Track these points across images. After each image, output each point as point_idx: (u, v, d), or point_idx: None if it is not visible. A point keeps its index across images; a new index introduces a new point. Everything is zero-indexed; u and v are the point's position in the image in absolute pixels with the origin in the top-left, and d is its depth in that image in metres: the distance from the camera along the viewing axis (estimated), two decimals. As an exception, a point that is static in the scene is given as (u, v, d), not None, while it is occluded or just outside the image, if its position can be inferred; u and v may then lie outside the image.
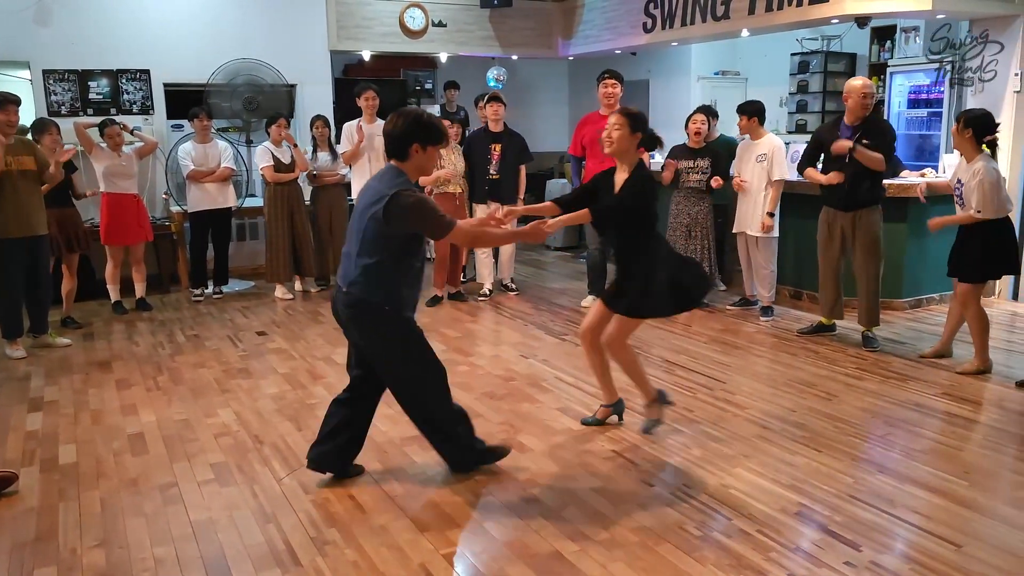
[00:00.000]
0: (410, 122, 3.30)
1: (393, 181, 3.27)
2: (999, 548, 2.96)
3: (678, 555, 2.94)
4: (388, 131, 3.34)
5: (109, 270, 6.84)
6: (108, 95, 7.80)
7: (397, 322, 3.35)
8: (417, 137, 3.29)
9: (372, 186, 3.36)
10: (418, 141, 3.29)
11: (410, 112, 3.38)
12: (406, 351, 3.41)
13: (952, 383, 4.79)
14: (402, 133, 3.29)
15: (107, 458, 3.91)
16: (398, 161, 3.34)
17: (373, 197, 3.27)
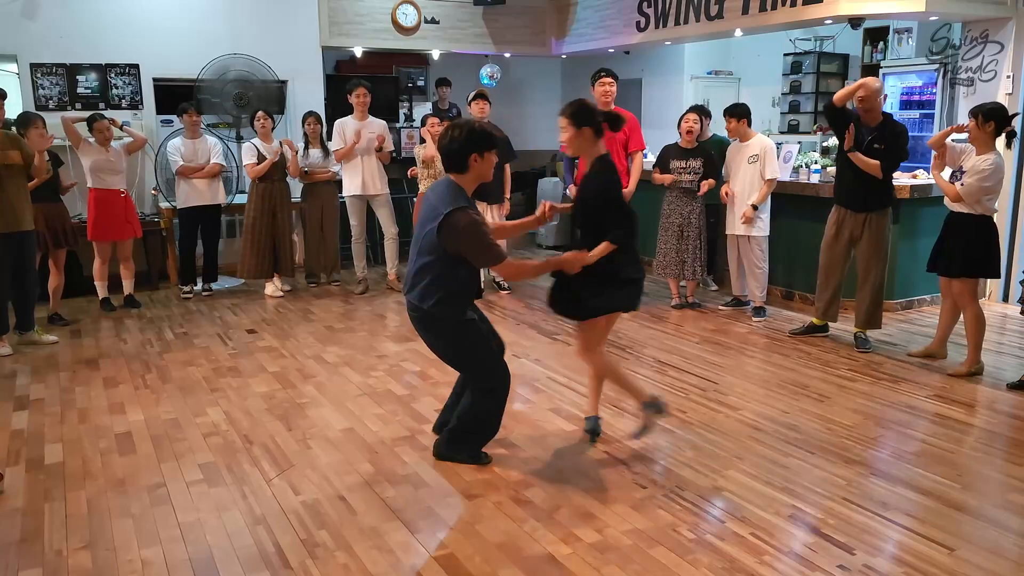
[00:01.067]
0: (466, 134, 3.42)
1: (450, 197, 3.40)
2: (991, 551, 2.95)
3: (671, 557, 2.92)
4: (445, 145, 3.45)
5: (96, 266, 6.77)
6: (97, 90, 7.72)
7: (452, 325, 3.57)
8: (475, 147, 3.42)
9: (430, 199, 3.51)
10: (476, 151, 3.43)
11: (463, 124, 3.49)
12: (464, 349, 3.66)
13: (944, 385, 4.79)
14: (460, 146, 3.42)
15: (94, 458, 3.86)
16: (457, 174, 3.48)
17: (430, 212, 3.45)
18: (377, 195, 7.29)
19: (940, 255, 4.99)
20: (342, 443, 4.00)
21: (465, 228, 3.35)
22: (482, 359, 3.67)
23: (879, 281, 5.38)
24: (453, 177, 3.49)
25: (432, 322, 3.56)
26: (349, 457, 3.83)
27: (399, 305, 7.01)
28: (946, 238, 4.93)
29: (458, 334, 3.60)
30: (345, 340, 5.89)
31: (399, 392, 4.75)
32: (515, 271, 3.84)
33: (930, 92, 7.65)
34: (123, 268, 6.90)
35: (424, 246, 3.47)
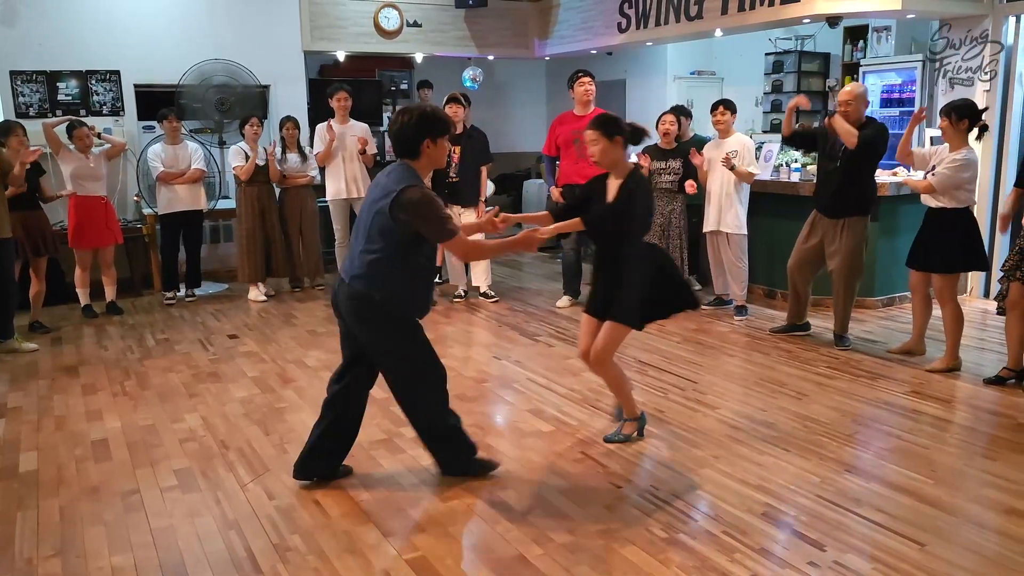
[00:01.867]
0: (417, 118, 3.26)
1: (403, 177, 3.24)
2: (962, 546, 2.97)
3: (642, 557, 2.92)
4: (396, 131, 3.29)
5: (78, 274, 6.75)
6: (77, 96, 7.70)
7: (399, 321, 3.33)
8: (427, 132, 3.26)
9: (381, 182, 3.32)
10: (429, 136, 3.27)
11: (414, 108, 3.32)
12: (406, 350, 3.39)
13: (922, 381, 4.81)
14: (412, 131, 3.25)
15: (69, 465, 3.85)
16: (410, 159, 3.31)
17: (381, 192, 3.24)
18: (360, 198, 7.28)
19: (920, 250, 5.00)
20: (319, 447, 3.99)
21: (419, 201, 3.16)
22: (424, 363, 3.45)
23: (851, 288, 5.40)
24: (407, 161, 3.31)
25: (375, 313, 3.28)
26: (328, 460, 3.82)
27: (382, 308, 6.99)
28: (926, 234, 4.94)
29: (406, 332, 3.38)
30: (327, 344, 5.88)
31: (377, 395, 4.68)
32: (467, 251, 3.47)
33: (910, 90, 7.69)
34: (105, 275, 6.88)
35: (374, 230, 3.23)
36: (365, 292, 3.26)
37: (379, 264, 3.24)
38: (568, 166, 6.64)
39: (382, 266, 3.24)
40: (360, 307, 3.29)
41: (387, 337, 3.35)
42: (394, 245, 3.23)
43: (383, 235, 3.22)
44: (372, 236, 3.25)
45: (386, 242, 3.23)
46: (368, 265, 3.25)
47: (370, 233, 3.26)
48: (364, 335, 3.37)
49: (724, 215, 6.17)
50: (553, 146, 6.73)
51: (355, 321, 3.35)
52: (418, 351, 3.43)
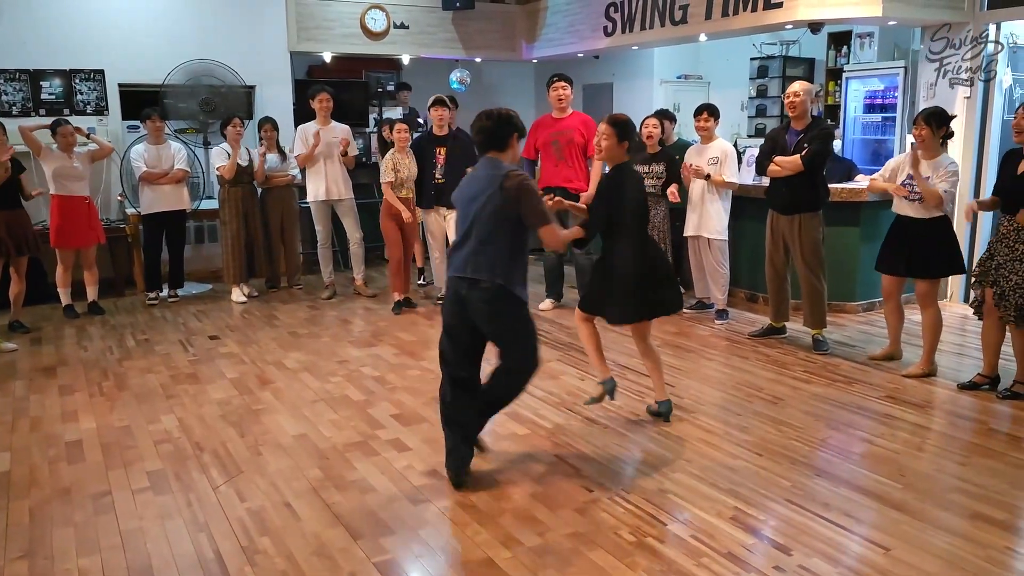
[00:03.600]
0: (506, 116, 3.55)
1: (497, 164, 3.49)
2: (926, 551, 2.99)
3: (609, 560, 2.94)
4: (485, 126, 3.52)
5: (59, 273, 6.73)
6: (61, 95, 7.68)
7: (518, 302, 3.51)
8: (515, 128, 3.55)
9: (478, 176, 3.53)
10: (516, 132, 3.56)
11: (500, 110, 3.59)
12: (526, 326, 3.57)
13: (897, 386, 4.84)
14: (503, 126, 3.52)
15: (41, 466, 3.84)
16: (497, 152, 3.53)
17: (484, 184, 3.44)
18: (341, 200, 7.29)
19: (898, 257, 4.99)
20: (293, 449, 4.00)
21: (524, 185, 3.42)
22: (533, 336, 3.60)
23: (816, 282, 5.45)
24: (493, 155, 3.54)
25: (503, 300, 3.43)
26: (299, 463, 3.83)
27: (365, 310, 7.01)
28: (904, 240, 4.94)
29: (523, 311, 3.54)
30: (307, 345, 5.88)
31: (356, 397, 4.75)
32: (556, 238, 3.67)
33: (892, 96, 7.74)
34: (87, 275, 6.87)
35: (486, 221, 3.39)
36: (501, 285, 3.41)
37: (502, 255, 3.42)
38: (548, 168, 6.66)
39: (505, 256, 3.43)
40: (497, 302, 3.43)
41: (517, 319, 3.53)
42: (509, 233, 3.43)
43: (498, 222, 3.41)
44: (486, 227, 3.41)
45: (503, 231, 3.42)
46: (494, 260, 3.41)
47: (482, 226, 3.41)
48: (496, 327, 3.50)
49: (705, 220, 6.20)
50: (532, 149, 6.75)
51: (490, 317, 3.46)
52: (531, 324, 3.61)
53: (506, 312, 3.47)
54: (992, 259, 4.46)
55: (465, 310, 3.47)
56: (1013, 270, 4.32)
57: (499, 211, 3.40)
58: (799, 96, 5.22)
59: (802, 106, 5.23)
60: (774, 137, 5.51)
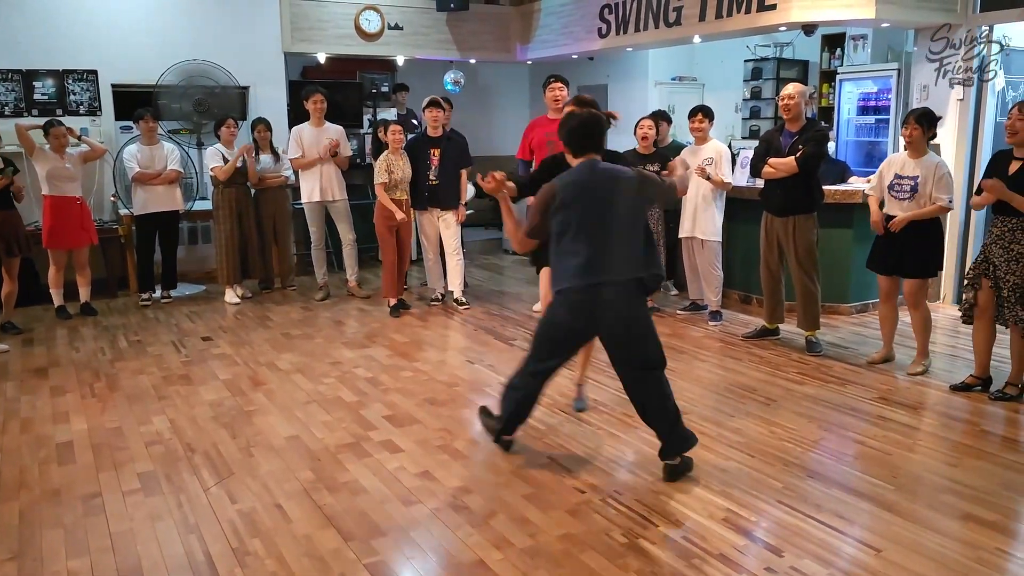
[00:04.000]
0: (597, 116, 3.60)
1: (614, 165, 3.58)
2: (916, 552, 2.99)
3: (601, 562, 2.93)
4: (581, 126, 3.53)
5: (52, 274, 6.71)
6: (54, 96, 7.65)
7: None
8: (607, 125, 3.64)
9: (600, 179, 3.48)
10: (606, 128, 3.62)
11: (587, 111, 3.62)
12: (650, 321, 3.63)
13: (890, 388, 4.85)
14: (598, 124, 3.56)
15: (31, 468, 3.82)
16: (595, 153, 3.56)
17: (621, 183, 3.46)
18: (335, 201, 7.27)
19: (891, 257, 5.00)
20: (285, 451, 3.99)
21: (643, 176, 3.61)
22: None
23: (809, 283, 5.46)
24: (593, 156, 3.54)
25: (643, 296, 3.53)
26: (291, 465, 3.82)
27: (359, 311, 7.00)
28: (897, 240, 4.94)
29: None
30: (301, 347, 5.87)
31: (348, 399, 4.74)
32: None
33: (885, 98, 7.75)
34: (79, 276, 6.85)
35: (635, 224, 3.48)
36: (644, 279, 3.48)
37: (649, 247, 3.54)
38: (544, 169, 6.64)
39: (651, 247, 3.56)
40: (641, 293, 3.50)
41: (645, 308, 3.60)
42: (646, 225, 3.58)
43: (640, 221, 3.53)
44: (634, 228, 3.48)
45: (643, 226, 3.54)
46: (646, 257, 3.49)
47: (635, 222, 3.49)
48: (636, 321, 3.50)
49: (699, 221, 6.20)
50: (527, 150, 6.74)
51: (631, 311, 3.48)
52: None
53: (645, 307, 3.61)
54: (987, 261, 4.47)
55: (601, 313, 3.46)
56: (1010, 270, 4.33)
57: (642, 214, 3.57)
58: (793, 98, 5.23)
59: (796, 108, 5.24)
60: (768, 139, 5.52)
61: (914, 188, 4.82)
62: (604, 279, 3.41)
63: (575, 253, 3.44)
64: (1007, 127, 4.35)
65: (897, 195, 4.91)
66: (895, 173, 4.93)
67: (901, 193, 4.88)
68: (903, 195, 4.87)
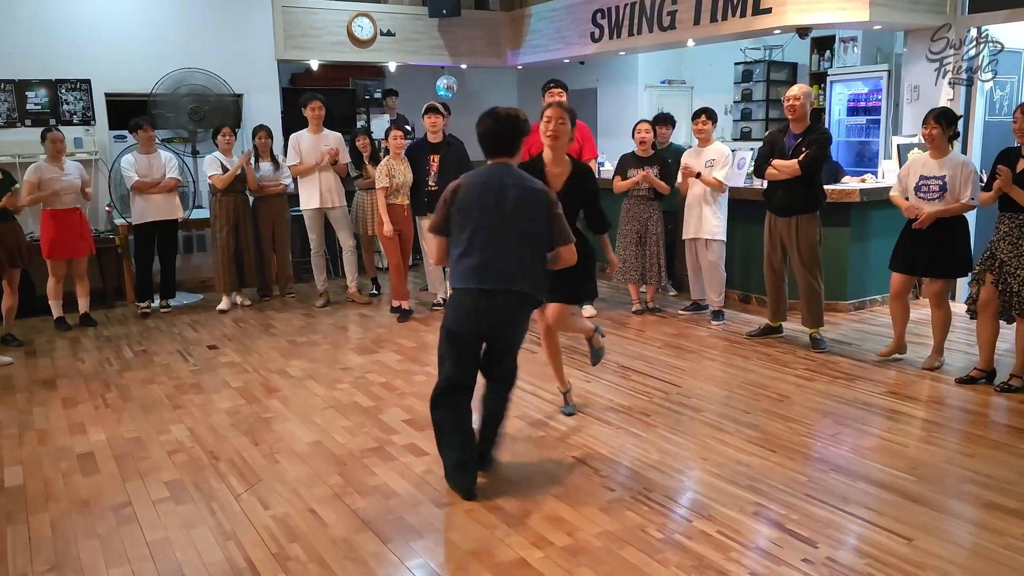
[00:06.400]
0: (512, 119, 3.50)
1: (526, 176, 3.51)
2: (947, 540, 3.06)
3: (641, 557, 2.98)
4: (491, 131, 3.48)
5: (51, 285, 6.64)
6: (47, 105, 7.59)
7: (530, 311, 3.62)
8: (524, 131, 3.54)
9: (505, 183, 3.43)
10: (524, 135, 3.54)
11: (507, 110, 3.54)
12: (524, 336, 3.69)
13: (897, 382, 4.94)
14: (511, 130, 3.49)
15: (56, 479, 3.80)
16: (507, 157, 3.52)
17: (519, 194, 3.41)
18: (334, 208, 7.27)
19: (920, 256, 4.98)
20: (310, 456, 3.99)
21: (555, 201, 3.51)
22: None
23: (813, 283, 5.55)
24: (506, 160, 3.52)
25: (528, 309, 3.54)
26: (318, 470, 3.83)
27: (361, 317, 7.00)
28: (920, 240, 4.95)
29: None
30: (308, 353, 5.87)
31: (365, 404, 4.75)
32: (571, 256, 3.65)
33: (875, 99, 7.90)
34: (78, 286, 6.79)
35: (526, 234, 3.43)
36: (530, 293, 3.48)
37: (537, 264, 3.49)
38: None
39: (539, 265, 3.51)
40: (524, 309, 3.52)
41: (525, 329, 3.63)
42: (543, 244, 3.51)
43: (538, 235, 3.47)
44: (527, 239, 3.43)
45: (540, 242, 3.49)
46: (531, 269, 3.47)
47: (524, 235, 3.42)
48: (513, 332, 3.57)
49: (704, 222, 6.28)
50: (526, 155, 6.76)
51: (513, 322, 3.52)
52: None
53: (525, 321, 3.59)
54: (994, 258, 4.57)
55: (489, 318, 3.44)
56: (1020, 266, 4.43)
57: (545, 226, 3.47)
58: (799, 100, 5.32)
59: (801, 109, 5.32)
60: (773, 140, 5.60)
61: (943, 187, 4.83)
62: (495, 286, 3.38)
63: (470, 254, 3.41)
64: (1015, 130, 4.45)
65: (925, 196, 4.90)
66: (920, 175, 4.94)
67: (930, 194, 4.88)
68: (932, 195, 4.87)
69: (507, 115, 3.50)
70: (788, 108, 5.37)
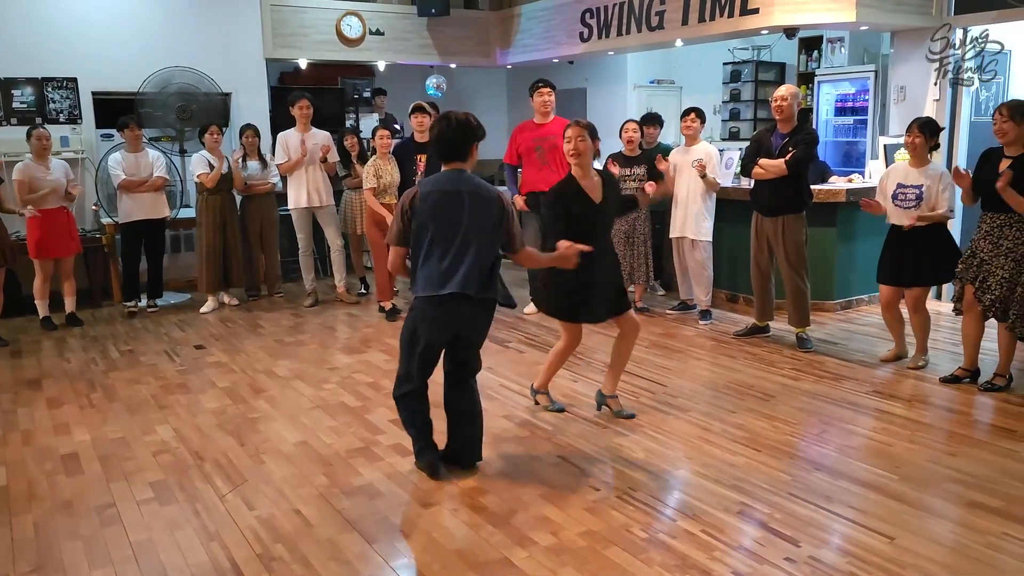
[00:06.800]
0: (464, 123, 3.49)
1: (482, 183, 3.54)
2: (929, 539, 3.09)
3: (625, 557, 2.98)
4: (444, 136, 3.48)
5: (37, 285, 6.61)
6: (33, 104, 7.55)
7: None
8: (476, 136, 3.52)
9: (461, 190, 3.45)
10: (476, 139, 3.53)
11: (459, 115, 3.53)
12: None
13: (882, 382, 4.97)
14: (463, 135, 3.49)
15: (40, 480, 3.78)
16: (460, 162, 3.53)
17: (476, 203, 3.45)
18: (323, 207, 7.26)
19: (902, 266, 5.00)
20: (296, 457, 3.99)
21: (511, 207, 3.58)
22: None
23: (799, 282, 5.57)
24: (458, 164, 3.52)
25: (491, 312, 3.62)
26: (303, 470, 3.82)
27: (349, 316, 6.99)
28: (903, 250, 4.98)
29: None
30: (296, 353, 5.85)
31: (352, 404, 4.75)
32: (527, 258, 3.73)
33: (863, 99, 7.94)
34: (65, 285, 6.75)
35: (487, 240, 3.47)
36: (493, 299, 3.57)
37: (495, 269, 3.54)
38: (532, 173, 6.69)
39: (496, 270, 3.56)
40: (489, 314, 3.62)
41: (488, 324, 3.69)
42: (497, 249, 3.56)
43: (495, 242, 3.53)
44: (490, 248, 3.50)
45: (495, 247, 3.54)
46: (491, 274, 3.52)
47: (487, 246, 3.48)
48: (478, 332, 3.65)
49: (691, 221, 6.30)
50: (514, 155, 6.78)
51: (477, 326, 3.61)
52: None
53: (488, 323, 3.68)
54: (975, 256, 4.61)
55: (455, 324, 3.52)
56: (999, 265, 4.47)
57: (497, 231, 3.51)
58: (786, 100, 5.34)
59: (789, 110, 5.35)
60: (759, 140, 5.63)
61: (919, 197, 4.88)
62: (456, 291, 3.41)
63: (430, 262, 3.45)
64: (996, 131, 4.48)
65: (902, 204, 4.95)
66: (897, 183, 4.99)
67: (906, 202, 4.93)
68: (908, 204, 4.92)
69: (459, 120, 3.49)
70: (776, 108, 5.40)
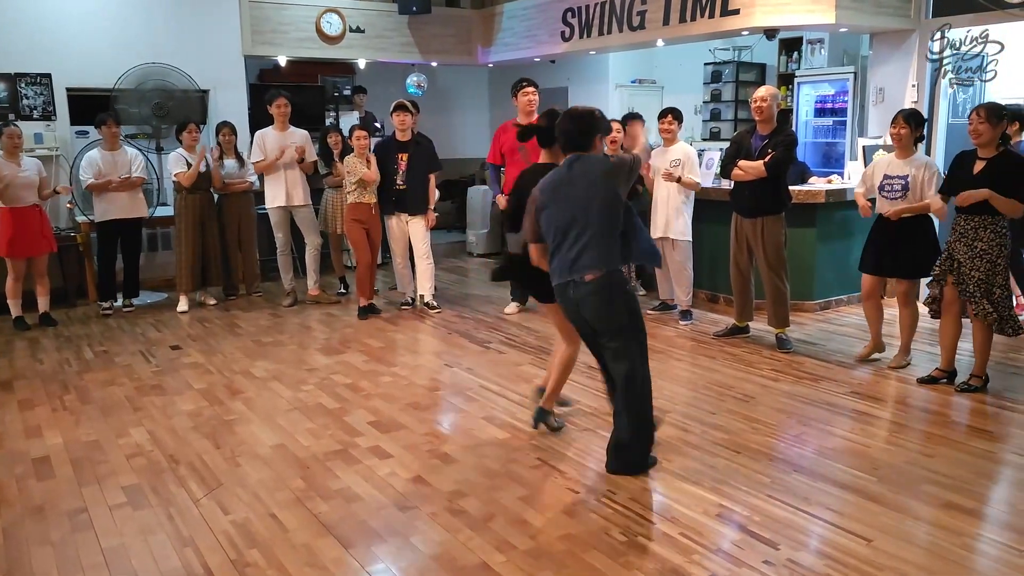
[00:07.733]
0: (592, 116, 3.63)
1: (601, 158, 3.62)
2: (906, 541, 3.09)
3: (604, 561, 2.97)
4: (569, 127, 3.62)
5: (9, 284, 6.50)
6: (6, 100, 7.43)
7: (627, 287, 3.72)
8: (600, 128, 3.67)
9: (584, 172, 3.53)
10: (601, 132, 3.68)
11: (585, 109, 3.67)
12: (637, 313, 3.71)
13: (860, 383, 4.99)
14: (589, 127, 3.61)
15: (9, 484, 3.71)
16: (582, 151, 3.61)
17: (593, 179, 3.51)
18: (300, 206, 7.19)
19: (886, 257, 5.04)
20: (272, 459, 3.94)
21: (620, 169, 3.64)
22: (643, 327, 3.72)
23: (779, 283, 5.59)
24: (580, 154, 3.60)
25: (615, 288, 3.57)
26: (280, 473, 3.78)
27: (328, 316, 6.94)
28: (888, 240, 5.01)
29: (632, 296, 3.69)
30: (274, 354, 5.80)
31: (330, 406, 4.70)
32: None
33: (842, 100, 7.97)
34: (38, 285, 6.65)
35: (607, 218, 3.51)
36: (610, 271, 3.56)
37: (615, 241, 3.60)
38: (514, 173, 6.66)
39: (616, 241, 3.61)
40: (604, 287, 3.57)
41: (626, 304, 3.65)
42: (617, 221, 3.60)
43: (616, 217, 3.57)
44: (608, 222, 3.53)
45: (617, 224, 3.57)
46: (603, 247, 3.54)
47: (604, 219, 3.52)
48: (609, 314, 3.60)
49: (671, 222, 6.30)
50: (498, 154, 6.75)
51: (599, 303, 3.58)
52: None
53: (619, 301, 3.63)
54: (951, 258, 4.63)
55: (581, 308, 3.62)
56: (974, 267, 4.50)
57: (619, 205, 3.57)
58: (765, 101, 5.35)
59: (768, 111, 5.36)
60: (739, 141, 5.64)
61: (905, 187, 4.90)
62: (574, 277, 3.56)
63: (557, 251, 3.62)
64: (970, 132, 4.50)
65: (888, 195, 4.97)
66: (884, 174, 5.01)
67: (892, 193, 4.95)
68: (894, 194, 4.94)
69: (582, 114, 3.65)
70: (755, 109, 5.41)
